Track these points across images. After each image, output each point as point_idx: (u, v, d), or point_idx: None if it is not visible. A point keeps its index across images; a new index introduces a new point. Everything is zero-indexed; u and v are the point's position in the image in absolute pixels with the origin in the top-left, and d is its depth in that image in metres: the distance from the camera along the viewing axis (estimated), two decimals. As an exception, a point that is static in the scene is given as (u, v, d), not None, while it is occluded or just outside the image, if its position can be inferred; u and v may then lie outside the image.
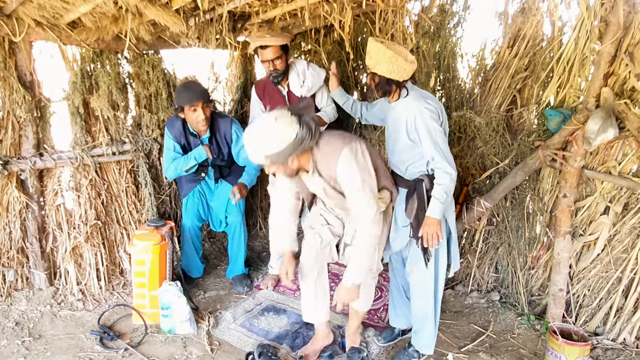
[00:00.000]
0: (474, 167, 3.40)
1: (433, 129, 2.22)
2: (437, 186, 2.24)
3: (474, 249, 3.48)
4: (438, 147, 2.21)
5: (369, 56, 2.31)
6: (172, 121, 3.21)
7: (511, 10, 3.10)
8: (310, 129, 2.02)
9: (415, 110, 2.25)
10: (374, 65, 2.28)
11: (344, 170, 2.10)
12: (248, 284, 3.48)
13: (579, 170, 2.81)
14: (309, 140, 2.03)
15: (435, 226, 2.27)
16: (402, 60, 2.21)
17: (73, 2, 2.43)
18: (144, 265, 2.89)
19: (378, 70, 2.28)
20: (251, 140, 2.03)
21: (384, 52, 2.21)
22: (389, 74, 2.26)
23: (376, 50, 2.24)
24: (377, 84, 2.35)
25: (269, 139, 1.98)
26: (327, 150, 2.13)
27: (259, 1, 2.83)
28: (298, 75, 3.18)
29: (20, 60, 2.84)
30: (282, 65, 3.11)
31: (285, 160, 2.04)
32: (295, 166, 2.14)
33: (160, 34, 3.20)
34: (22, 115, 2.86)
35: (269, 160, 2.03)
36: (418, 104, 2.27)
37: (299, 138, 1.98)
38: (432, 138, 2.21)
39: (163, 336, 2.84)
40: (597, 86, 2.63)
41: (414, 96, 2.33)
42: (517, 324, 3.06)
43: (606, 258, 2.85)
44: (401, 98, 2.37)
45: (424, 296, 2.50)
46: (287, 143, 1.97)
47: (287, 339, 2.84)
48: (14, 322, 2.89)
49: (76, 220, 3.22)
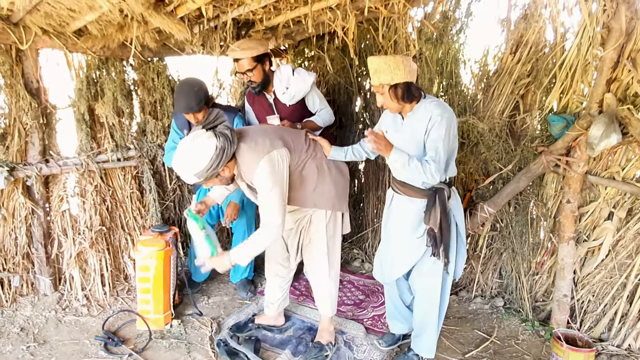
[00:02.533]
0: (477, 173, 3.40)
1: (446, 137, 2.17)
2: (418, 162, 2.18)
3: (477, 254, 3.48)
4: (440, 155, 2.17)
5: (379, 73, 2.18)
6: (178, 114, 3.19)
7: (513, 16, 3.11)
8: (227, 137, 2.16)
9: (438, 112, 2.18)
10: (392, 78, 2.16)
11: (259, 177, 2.24)
12: (252, 290, 3.48)
13: (582, 176, 2.81)
14: (230, 147, 2.16)
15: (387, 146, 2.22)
16: (410, 60, 2.17)
17: (79, 11, 2.46)
18: (148, 271, 2.90)
19: (398, 79, 2.17)
20: (178, 166, 2.17)
21: (394, 59, 2.14)
22: (409, 77, 2.18)
23: (385, 62, 2.15)
24: (402, 95, 2.21)
25: (192, 159, 2.12)
26: (248, 160, 2.26)
27: (262, 9, 2.85)
28: (281, 82, 3.11)
29: (26, 68, 2.88)
30: (258, 76, 3.03)
31: (216, 173, 2.17)
32: (228, 174, 2.28)
33: (165, 42, 3.23)
34: (28, 122, 2.89)
35: (202, 178, 2.16)
36: (446, 108, 2.21)
37: (219, 149, 2.12)
38: (436, 143, 2.16)
39: (167, 342, 2.85)
40: (599, 92, 2.64)
41: (435, 99, 2.27)
42: (521, 330, 3.05)
43: (610, 264, 2.84)
44: (421, 101, 2.27)
45: (430, 302, 2.48)
46: (210, 156, 2.10)
47: (290, 345, 2.84)
48: (19, 327, 2.91)
49: (81, 226, 3.25)
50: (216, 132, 2.16)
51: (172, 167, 2.21)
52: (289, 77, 3.08)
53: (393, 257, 2.52)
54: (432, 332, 2.54)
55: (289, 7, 2.87)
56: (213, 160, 2.11)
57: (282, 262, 2.84)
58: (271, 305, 2.98)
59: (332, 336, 2.84)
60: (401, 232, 2.45)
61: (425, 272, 2.44)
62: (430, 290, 2.46)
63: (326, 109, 3.25)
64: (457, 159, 3.40)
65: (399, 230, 2.47)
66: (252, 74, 3.01)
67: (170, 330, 2.98)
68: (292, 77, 3.09)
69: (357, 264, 4.13)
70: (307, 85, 3.10)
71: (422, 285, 2.48)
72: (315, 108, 3.24)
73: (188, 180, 2.20)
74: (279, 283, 2.90)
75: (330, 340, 2.81)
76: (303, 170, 2.46)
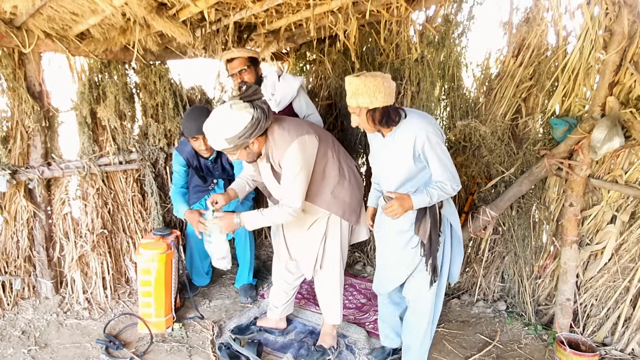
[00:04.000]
0: (479, 176, 3.40)
1: (442, 152, 2.13)
2: (438, 190, 2.13)
3: (479, 258, 3.47)
4: (448, 171, 2.13)
5: (357, 95, 2.07)
6: (183, 144, 3.20)
7: (515, 20, 3.11)
8: (264, 111, 2.18)
9: (423, 134, 2.11)
10: (371, 102, 2.05)
11: (289, 158, 2.26)
12: (253, 295, 3.47)
13: (585, 179, 2.80)
14: (265, 121, 2.18)
15: (405, 206, 2.13)
16: (389, 81, 2.07)
17: (82, 14, 2.48)
18: (150, 274, 2.90)
19: (377, 104, 2.06)
20: (211, 128, 2.17)
21: (374, 81, 2.02)
22: (388, 100, 2.08)
23: (366, 84, 2.03)
24: (380, 118, 2.12)
25: (228, 123, 2.13)
26: (280, 139, 2.28)
27: (264, 12, 2.86)
28: (266, 88, 3.09)
29: (29, 71, 2.88)
30: (252, 78, 3.01)
31: (246, 143, 2.19)
32: (257, 149, 2.29)
33: (167, 45, 3.25)
34: (30, 125, 2.90)
35: (232, 145, 2.16)
36: (424, 126, 2.12)
37: (255, 119, 2.14)
38: (442, 163, 2.13)
39: (168, 345, 2.84)
40: (602, 95, 2.63)
41: (415, 117, 2.17)
42: (524, 334, 3.04)
43: (613, 267, 2.83)
44: (401, 121, 2.18)
45: (423, 313, 2.42)
46: (245, 125, 2.12)
47: (292, 348, 2.84)
48: (21, 330, 2.90)
49: (83, 229, 3.25)
50: (254, 104, 2.18)
51: (204, 131, 2.20)
52: (274, 83, 3.08)
53: (388, 267, 2.47)
54: (425, 343, 2.49)
55: (291, 11, 2.87)
56: (247, 128, 2.13)
57: (289, 267, 2.84)
58: (275, 309, 2.97)
59: (334, 340, 2.83)
60: (395, 242, 2.38)
61: (419, 283, 2.37)
62: (423, 302, 2.39)
63: (314, 114, 3.21)
64: (459, 162, 3.43)
65: (392, 241, 2.41)
66: (246, 75, 3.00)
67: (171, 333, 2.98)
68: (278, 83, 3.08)
69: (359, 267, 4.13)
70: (293, 89, 3.08)
71: (416, 296, 2.42)
72: (303, 113, 3.20)
73: (217, 145, 2.20)
74: (284, 288, 2.89)
75: (332, 344, 2.80)
76: (326, 169, 2.46)
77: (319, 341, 2.83)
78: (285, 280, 2.87)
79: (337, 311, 2.78)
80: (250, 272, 3.55)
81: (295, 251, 2.76)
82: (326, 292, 2.76)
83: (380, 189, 2.54)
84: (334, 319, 2.80)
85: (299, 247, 2.73)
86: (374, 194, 2.60)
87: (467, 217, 3.35)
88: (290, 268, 2.84)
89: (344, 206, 2.54)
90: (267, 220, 2.39)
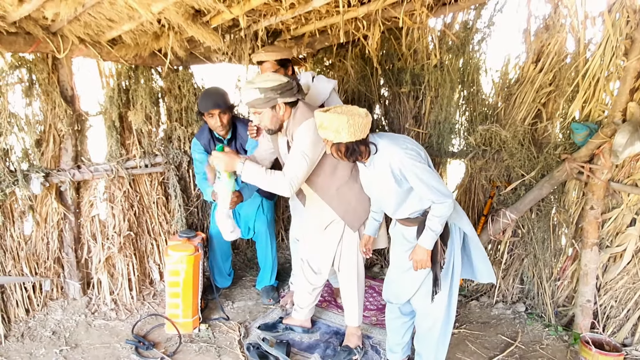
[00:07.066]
0: (498, 179, 3.46)
1: (420, 171, 2.12)
2: (434, 218, 2.14)
3: (499, 260, 3.52)
4: (432, 187, 2.10)
5: (324, 130, 2.15)
6: (201, 132, 3.24)
7: (534, 27, 3.18)
8: (299, 85, 2.45)
9: (396, 159, 2.14)
10: (335, 137, 2.12)
11: (300, 132, 2.40)
12: (275, 297, 3.51)
13: (605, 183, 2.86)
14: (296, 92, 2.41)
15: (425, 255, 2.19)
16: (359, 118, 2.09)
17: (118, 21, 2.53)
18: (179, 275, 2.95)
19: (342, 139, 2.12)
20: (249, 81, 2.39)
21: (338, 120, 2.07)
22: (354, 137, 2.11)
23: (330, 120, 2.10)
24: (345, 152, 2.18)
25: (264, 77, 2.40)
26: (299, 115, 2.44)
27: (292, 18, 2.92)
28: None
29: (62, 76, 2.94)
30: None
31: (275, 101, 2.35)
32: (281, 115, 2.43)
33: (193, 50, 3.30)
34: (63, 129, 2.95)
35: (263, 95, 2.32)
36: (394, 151, 2.15)
37: (289, 83, 2.37)
38: (423, 182, 2.11)
39: (197, 346, 2.89)
40: (623, 101, 2.70)
41: (386, 144, 2.19)
42: (545, 335, 3.09)
43: (633, 269, 2.88)
44: (371, 154, 2.23)
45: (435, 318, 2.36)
46: (280, 82, 2.34)
47: (319, 348, 2.88)
48: (51, 331, 2.95)
49: (109, 231, 3.29)
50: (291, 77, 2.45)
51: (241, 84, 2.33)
52: (308, 84, 3.12)
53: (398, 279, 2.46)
54: (440, 351, 2.43)
55: (319, 17, 2.93)
56: (281, 86, 2.33)
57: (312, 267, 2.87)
58: (300, 310, 3.01)
59: (360, 340, 2.88)
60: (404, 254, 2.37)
61: (427, 291, 2.32)
62: (433, 308, 2.34)
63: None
64: (479, 166, 3.48)
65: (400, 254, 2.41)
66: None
67: (198, 334, 3.02)
68: (312, 84, 3.12)
69: (377, 269, 4.18)
70: (326, 91, 3.10)
71: (425, 307, 2.37)
72: None
73: (249, 95, 2.34)
74: (308, 289, 2.94)
75: (358, 344, 2.85)
76: (338, 166, 2.53)
77: (345, 341, 2.88)
78: (308, 281, 2.90)
79: (356, 313, 2.84)
80: (272, 275, 3.59)
81: (310, 252, 2.81)
82: (344, 293, 2.85)
83: (379, 219, 2.61)
84: (352, 320, 2.86)
85: (315, 248, 2.78)
86: (372, 223, 2.62)
87: (487, 219, 3.41)
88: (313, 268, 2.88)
89: (347, 207, 2.61)
90: (265, 180, 2.42)
